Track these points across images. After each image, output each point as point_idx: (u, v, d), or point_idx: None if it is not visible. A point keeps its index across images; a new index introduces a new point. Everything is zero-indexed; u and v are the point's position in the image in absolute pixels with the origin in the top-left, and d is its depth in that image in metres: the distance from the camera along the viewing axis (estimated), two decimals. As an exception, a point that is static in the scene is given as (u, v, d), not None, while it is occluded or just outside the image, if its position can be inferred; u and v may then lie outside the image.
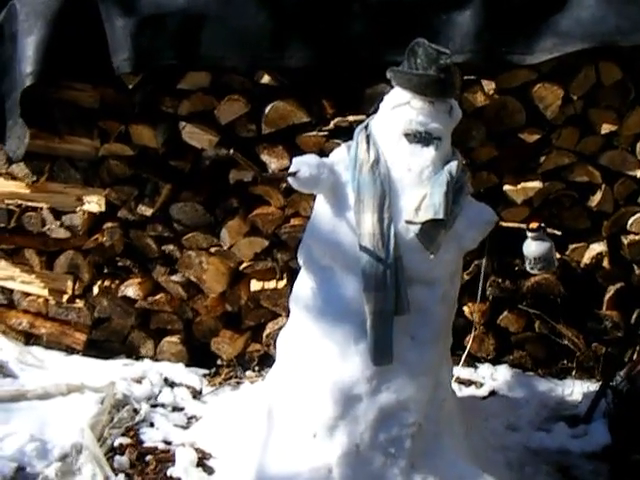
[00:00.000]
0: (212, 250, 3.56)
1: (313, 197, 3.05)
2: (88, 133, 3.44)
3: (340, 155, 2.78)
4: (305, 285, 2.84)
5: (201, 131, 3.36)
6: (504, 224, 2.83)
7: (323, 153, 3.18)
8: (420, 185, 2.66)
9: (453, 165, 2.69)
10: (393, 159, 2.69)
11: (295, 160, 2.66)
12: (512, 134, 3.39)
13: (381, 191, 2.63)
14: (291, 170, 2.62)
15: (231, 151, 2.42)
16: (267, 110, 3.31)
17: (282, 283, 3.59)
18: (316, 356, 2.79)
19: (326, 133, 3.35)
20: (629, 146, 3.43)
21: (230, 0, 3.19)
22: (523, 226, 2.78)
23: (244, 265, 3.59)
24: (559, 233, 2.78)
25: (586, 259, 3.55)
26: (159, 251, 3.60)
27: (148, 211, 3.48)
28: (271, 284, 3.60)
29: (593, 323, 3.65)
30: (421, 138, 2.66)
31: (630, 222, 3.52)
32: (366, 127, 2.78)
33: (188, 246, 3.55)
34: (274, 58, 3.23)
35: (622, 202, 3.52)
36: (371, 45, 3.24)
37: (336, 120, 3.33)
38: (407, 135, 2.68)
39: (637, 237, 3.54)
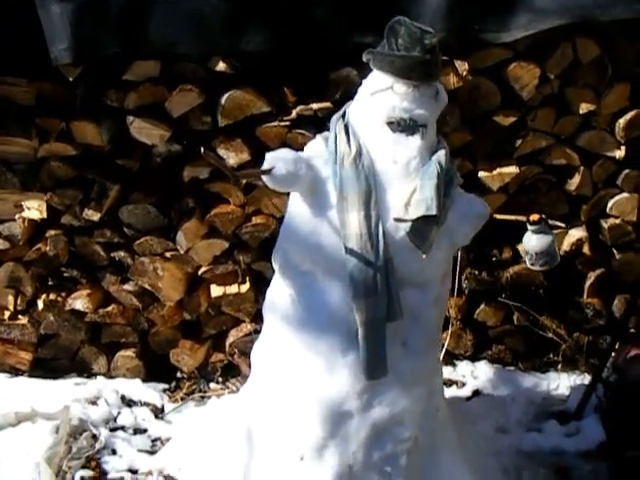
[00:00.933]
0: (167, 255, 3.33)
1: (277, 193, 2.85)
2: (25, 132, 3.14)
3: (317, 148, 2.51)
4: (282, 292, 2.58)
5: (151, 126, 3.09)
6: (498, 217, 2.61)
7: (286, 145, 3.05)
8: (408, 178, 2.41)
9: (441, 154, 2.45)
10: (376, 150, 2.44)
11: (269, 156, 2.38)
12: (486, 117, 3.20)
13: (366, 186, 2.38)
14: (265, 167, 2.34)
15: (202, 150, 2.13)
16: (223, 100, 3.05)
17: (245, 287, 3.39)
18: (299, 371, 2.54)
19: (288, 123, 3.12)
20: (607, 126, 3.28)
21: (179, -21, 2.92)
22: (522, 218, 2.57)
23: (203, 270, 3.37)
24: (562, 225, 2.57)
25: (565, 246, 3.40)
26: (109, 259, 3.36)
27: (95, 215, 3.23)
28: (233, 289, 3.39)
29: (574, 312, 3.53)
30: (406, 126, 2.42)
31: (610, 205, 3.40)
32: (343, 116, 2.52)
33: (141, 252, 3.32)
34: (230, 43, 2.96)
35: (601, 185, 3.38)
36: (335, 26, 2.98)
37: (299, 109, 3.10)
38: (390, 123, 2.43)
39: (617, 220, 3.41)
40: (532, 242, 2.55)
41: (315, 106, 3.08)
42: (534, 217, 2.51)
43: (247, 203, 3.25)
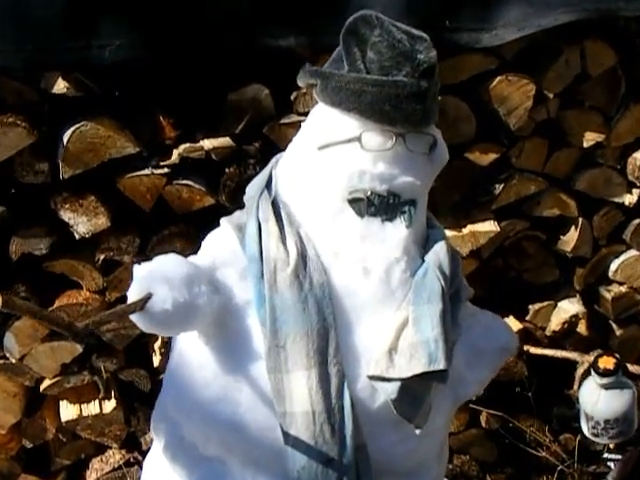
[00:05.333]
0: (-6, 366, 2.44)
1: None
2: None
3: (225, 247, 1.47)
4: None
5: (-44, 179, 2.15)
6: (534, 351, 1.64)
7: (165, 204, 2.19)
8: (390, 301, 1.42)
9: (441, 251, 1.47)
10: (332, 252, 1.42)
11: (140, 273, 1.32)
12: (456, 154, 2.30)
13: (319, 322, 1.37)
14: (135, 297, 1.27)
15: (1, 300, 1.07)
16: (66, 138, 2.10)
17: (110, 405, 2.50)
18: None
19: (166, 170, 2.20)
20: (617, 162, 2.52)
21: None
22: (579, 358, 1.60)
23: (47, 384, 2.47)
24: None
25: (554, 324, 2.67)
26: None
27: None
28: (92, 408, 2.52)
29: (562, 408, 2.77)
30: (382, 205, 1.43)
31: (614, 268, 2.66)
32: (268, 186, 1.48)
33: (-46, 363, 2.42)
34: (74, 50, 2.06)
35: (603, 241, 2.64)
36: (237, 24, 2.10)
37: (182, 148, 2.18)
38: (355, 201, 1.43)
39: (623, 288, 2.69)
40: (601, 403, 1.58)
41: (207, 144, 2.19)
42: (607, 363, 1.53)
43: (107, 287, 2.34)
